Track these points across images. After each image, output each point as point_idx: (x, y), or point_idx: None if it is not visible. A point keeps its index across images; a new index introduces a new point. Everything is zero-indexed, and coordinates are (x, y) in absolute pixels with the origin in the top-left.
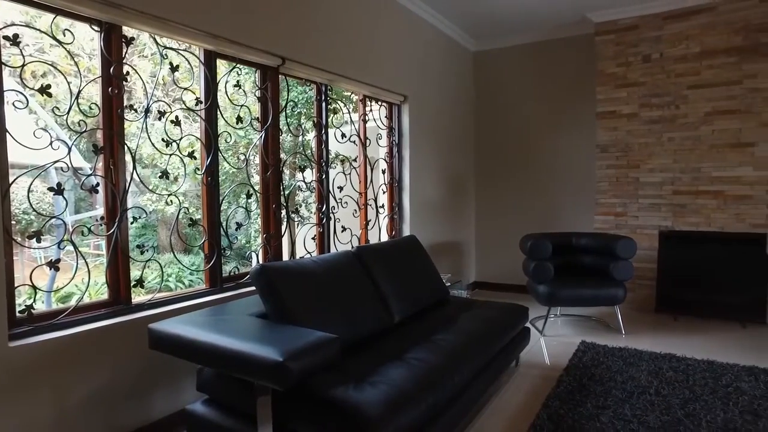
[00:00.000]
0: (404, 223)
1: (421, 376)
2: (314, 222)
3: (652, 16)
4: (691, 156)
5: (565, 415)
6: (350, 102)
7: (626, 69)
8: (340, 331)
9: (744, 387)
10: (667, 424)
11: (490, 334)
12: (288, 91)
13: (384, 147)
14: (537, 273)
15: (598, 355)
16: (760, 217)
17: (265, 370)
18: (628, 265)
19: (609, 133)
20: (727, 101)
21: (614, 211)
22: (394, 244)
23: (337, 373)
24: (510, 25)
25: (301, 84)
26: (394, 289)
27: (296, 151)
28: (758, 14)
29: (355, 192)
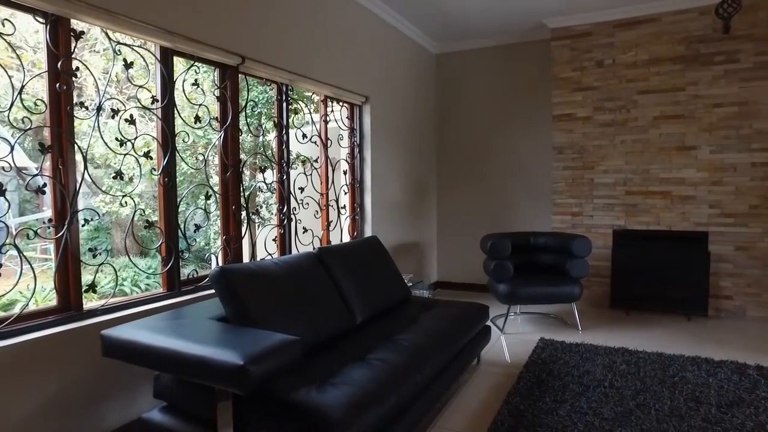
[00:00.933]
0: (366, 224)
1: (384, 376)
2: (275, 223)
3: (603, 23)
4: (641, 158)
5: (526, 410)
6: (311, 102)
7: (581, 73)
8: (302, 333)
9: (688, 376)
10: (621, 414)
11: (452, 333)
12: (248, 90)
13: (345, 148)
14: (497, 272)
15: (556, 351)
16: (702, 216)
17: (225, 374)
18: (584, 263)
19: (565, 136)
20: (673, 107)
21: (570, 211)
22: (356, 244)
23: (300, 376)
24: (471, 29)
25: (262, 84)
26: (356, 290)
27: (257, 152)
28: (698, 26)
29: (316, 193)
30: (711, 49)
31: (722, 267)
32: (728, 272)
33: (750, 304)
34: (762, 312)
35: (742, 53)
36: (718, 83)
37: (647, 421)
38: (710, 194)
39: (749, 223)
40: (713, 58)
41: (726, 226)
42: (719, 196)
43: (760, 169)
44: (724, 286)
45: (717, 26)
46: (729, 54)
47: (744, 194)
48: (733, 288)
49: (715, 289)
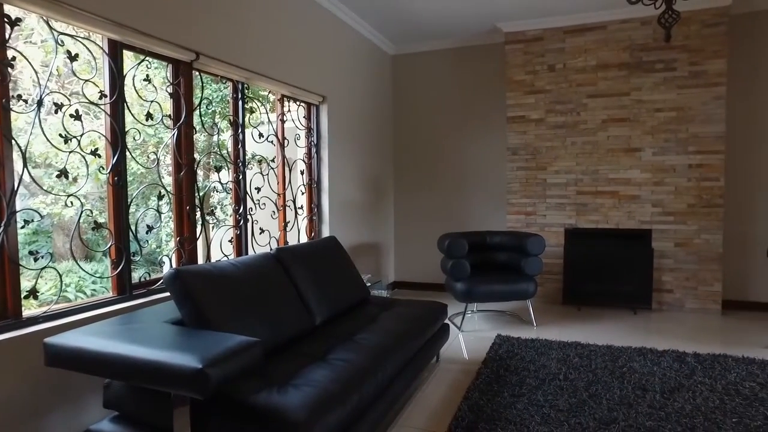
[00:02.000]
0: (324, 224)
1: (346, 376)
2: (231, 224)
3: (554, 29)
4: (590, 159)
5: (485, 405)
6: (268, 102)
7: (534, 77)
8: (261, 335)
9: (635, 366)
10: (575, 405)
11: (411, 332)
12: (202, 87)
13: (303, 148)
14: (454, 271)
15: (513, 347)
16: (646, 215)
17: (182, 379)
18: (538, 261)
19: (519, 137)
20: (619, 110)
21: (525, 211)
22: (315, 245)
23: (260, 378)
24: (427, 31)
25: (216, 81)
26: (315, 291)
27: (211, 151)
28: (640, 35)
29: (273, 193)
30: (652, 57)
31: (664, 263)
32: (669, 267)
33: (688, 296)
34: (698, 304)
35: (678, 62)
36: (659, 89)
37: (599, 411)
38: (653, 194)
39: (687, 221)
40: (654, 65)
41: (667, 224)
42: (661, 195)
43: (696, 170)
44: (666, 280)
45: (657, 36)
46: (667, 62)
47: (682, 194)
48: (673, 282)
49: (658, 283)
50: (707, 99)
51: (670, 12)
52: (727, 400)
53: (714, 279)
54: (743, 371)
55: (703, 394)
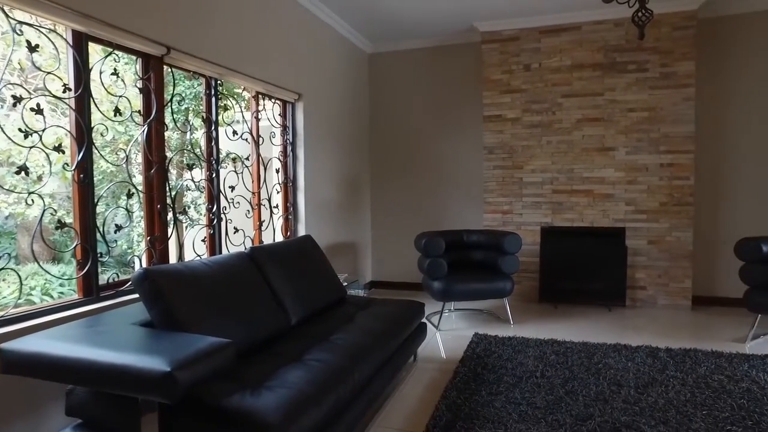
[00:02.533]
0: (299, 223)
1: (322, 377)
2: (204, 223)
3: (530, 29)
4: (566, 158)
5: (463, 404)
6: (242, 99)
7: (510, 76)
8: (234, 336)
9: (611, 362)
10: (551, 402)
11: (388, 331)
12: (174, 83)
13: (278, 146)
14: (431, 270)
15: (490, 345)
16: (619, 213)
17: (150, 383)
18: (515, 259)
19: (495, 136)
20: (593, 110)
21: (501, 209)
22: (289, 244)
23: (233, 380)
24: (404, 29)
25: (190, 78)
26: (290, 290)
27: (184, 149)
28: (614, 36)
29: (247, 192)
30: (625, 58)
31: (637, 260)
32: (642, 265)
33: (660, 293)
34: (669, 300)
35: (650, 63)
36: (631, 90)
37: (576, 407)
38: (626, 192)
39: (659, 219)
40: (626, 66)
41: (640, 222)
42: (634, 194)
43: (667, 169)
44: (639, 277)
45: (630, 37)
46: (639, 63)
47: (654, 192)
48: (646, 279)
49: (632, 280)
50: (677, 100)
51: (643, 11)
52: (697, 393)
53: (684, 276)
54: (712, 365)
55: (675, 388)
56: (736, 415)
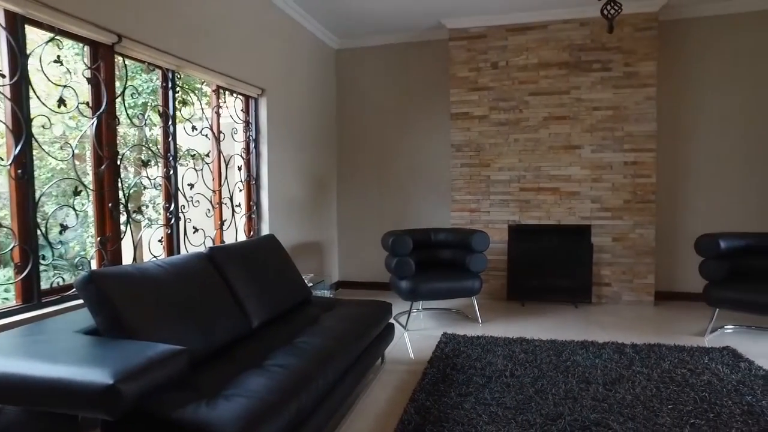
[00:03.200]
0: (263, 222)
1: (284, 384)
2: (162, 223)
3: (497, 27)
4: (532, 156)
5: (432, 406)
6: (203, 95)
7: (477, 74)
8: (190, 342)
9: (579, 359)
10: (522, 402)
11: (355, 333)
12: (127, 74)
13: (240, 142)
14: (399, 269)
15: (459, 345)
16: (585, 211)
17: (90, 398)
18: (483, 257)
19: (462, 134)
20: (560, 108)
21: (469, 208)
22: (251, 244)
23: (187, 390)
24: (371, 25)
25: (147, 72)
26: (252, 292)
27: (138, 144)
28: (579, 36)
29: (208, 190)
30: (590, 57)
31: (602, 257)
32: (607, 262)
33: (624, 289)
34: (633, 296)
35: (613, 63)
36: (596, 88)
37: (546, 406)
38: (592, 190)
39: (623, 216)
40: (591, 65)
41: (605, 219)
42: (599, 192)
43: (631, 167)
44: (604, 274)
45: (595, 36)
46: (604, 63)
47: (619, 190)
48: (611, 276)
49: (597, 277)
50: (640, 99)
51: (612, 3)
52: (662, 387)
53: (648, 272)
54: (675, 359)
55: (642, 383)
56: (699, 408)
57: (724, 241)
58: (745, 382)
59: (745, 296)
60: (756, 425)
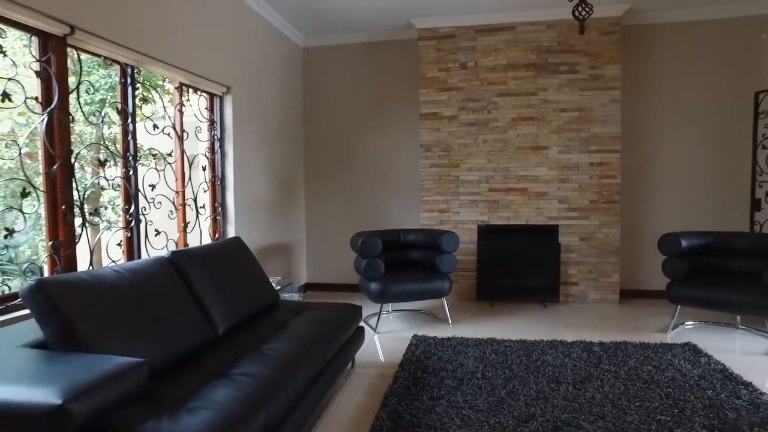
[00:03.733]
0: (229, 224)
1: (251, 394)
2: (121, 225)
3: (466, 27)
4: (501, 156)
5: (404, 411)
6: (166, 92)
7: (446, 74)
8: (150, 352)
9: (548, 359)
10: (494, 404)
11: (324, 338)
12: (81, 68)
13: (204, 141)
14: (369, 270)
15: (430, 347)
16: (553, 211)
17: (36, 420)
18: (453, 258)
19: (432, 134)
20: (528, 109)
21: (438, 208)
22: (216, 247)
23: (149, 404)
24: (339, 23)
25: (104, 66)
26: (217, 297)
27: (95, 143)
28: (546, 38)
29: (170, 191)
30: (557, 60)
31: (570, 257)
32: (574, 261)
33: (591, 288)
34: (600, 295)
35: (580, 65)
36: (563, 90)
37: (517, 408)
38: (559, 190)
39: (589, 216)
40: (558, 67)
41: (572, 219)
42: (566, 192)
43: (597, 168)
44: (572, 273)
45: (561, 39)
46: (570, 65)
47: (585, 190)
48: (578, 275)
49: (565, 276)
50: (605, 101)
51: (583, 5)
52: (630, 385)
53: (613, 271)
54: (641, 356)
55: (610, 381)
56: (665, 404)
57: (685, 240)
58: (705, 376)
59: (705, 293)
60: (716, 419)
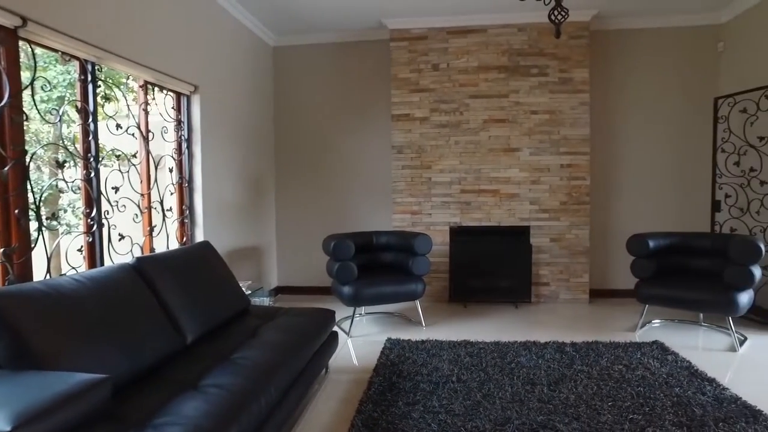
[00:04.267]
0: (197, 227)
1: (222, 406)
2: (82, 230)
3: (438, 29)
4: (473, 158)
5: (379, 417)
6: (130, 91)
7: (418, 75)
8: (114, 366)
9: (522, 361)
10: (470, 408)
11: (298, 345)
12: (35, 63)
13: (171, 142)
14: (341, 274)
15: (404, 351)
16: (524, 212)
17: None
18: (426, 260)
19: (404, 135)
20: (499, 111)
21: (410, 210)
22: (184, 252)
23: (112, 422)
24: (310, 22)
25: (63, 62)
26: (185, 305)
27: (53, 143)
28: (518, 41)
29: (135, 193)
30: (528, 62)
31: (541, 257)
32: (545, 262)
33: (561, 288)
34: (570, 295)
35: (550, 68)
36: (534, 93)
37: (493, 411)
38: (530, 192)
39: (560, 217)
40: (530, 70)
41: (543, 220)
42: (537, 193)
43: (567, 170)
44: (543, 274)
45: (532, 42)
46: (541, 68)
47: (556, 192)
48: (549, 275)
49: (536, 277)
50: (575, 104)
51: (559, 9)
52: (602, 384)
53: (583, 271)
54: (612, 356)
55: (583, 382)
56: (636, 402)
57: (653, 240)
58: (673, 374)
59: (671, 293)
60: (684, 415)
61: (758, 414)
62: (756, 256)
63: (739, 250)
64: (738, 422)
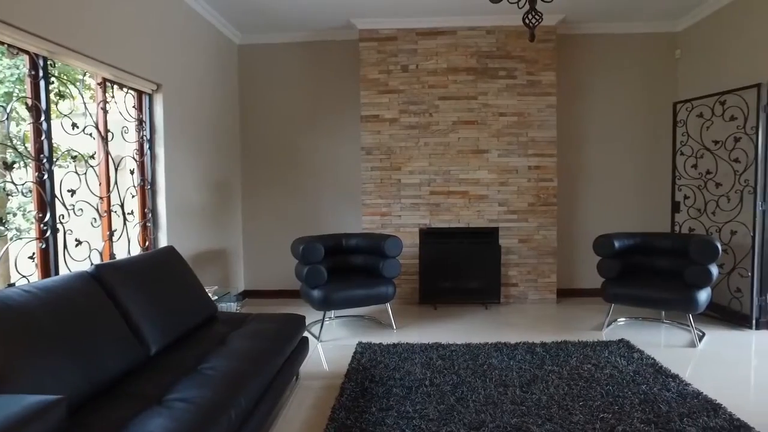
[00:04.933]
0: (160, 231)
1: (189, 422)
2: (34, 236)
3: (407, 30)
4: (442, 160)
5: (353, 425)
6: (87, 88)
7: (388, 76)
8: (70, 382)
9: (494, 362)
10: (444, 412)
11: (268, 353)
12: None
13: (132, 143)
14: (310, 277)
15: (375, 355)
16: (493, 214)
17: None
18: (396, 262)
19: (373, 137)
20: (468, 113)
21: (380, 212)
22: (147, 258)
23: None
24: (277, 20)
25: (10, 56)
26: (149, 314)
27: (4, 143)
28: (486, 43)
29: (94, 196)
30: (496, 65)
31: (510, 258)
32: (514, 263)
33: (530, 289)
34: (538, 295)
35: (518, 71)
36: (502, 95)
37: (467, 414)
38: (499, 193)
39: (528, 219)
40: (498, 72)
41: (511, 221)
42: (506, 195)
43: (534, 171)
44: (512, 275)
45: (500, 44)
46: (509, 71)
47: (523, 193)
48: (518, 276)
49: (505, 278)
50: (542, 106)
51: (533, 12)
52: (573, 384)
53: (550, 271)
54: (581, 355)
55: (554, 382)
56: (606, 401)
57: (618, 241)
58: (639, 371)
59: (635, 292)
60: (651, 412)
61: (718, 407)
62: (714, 256)
63: (698, 250)
64: (701, 416)
